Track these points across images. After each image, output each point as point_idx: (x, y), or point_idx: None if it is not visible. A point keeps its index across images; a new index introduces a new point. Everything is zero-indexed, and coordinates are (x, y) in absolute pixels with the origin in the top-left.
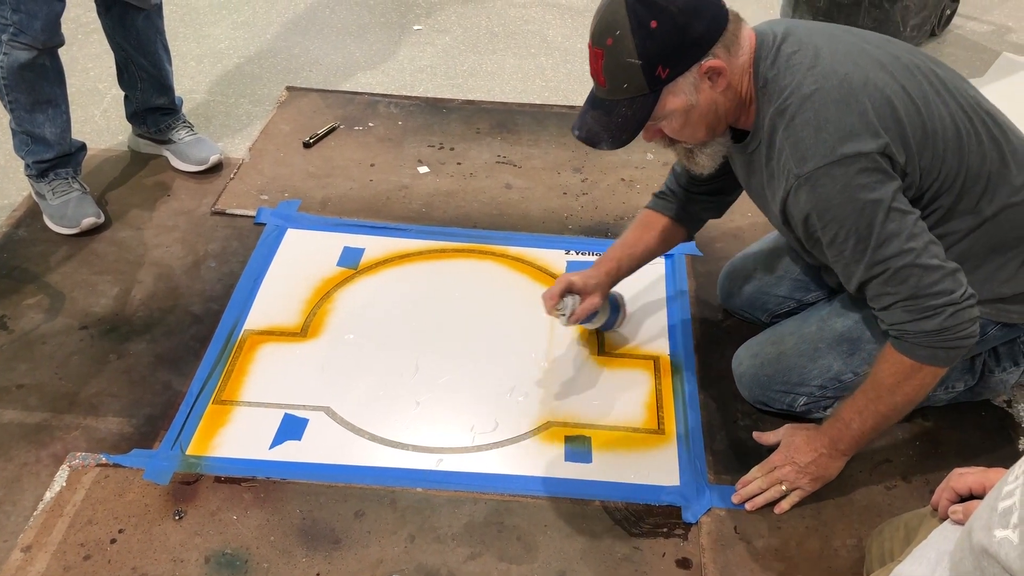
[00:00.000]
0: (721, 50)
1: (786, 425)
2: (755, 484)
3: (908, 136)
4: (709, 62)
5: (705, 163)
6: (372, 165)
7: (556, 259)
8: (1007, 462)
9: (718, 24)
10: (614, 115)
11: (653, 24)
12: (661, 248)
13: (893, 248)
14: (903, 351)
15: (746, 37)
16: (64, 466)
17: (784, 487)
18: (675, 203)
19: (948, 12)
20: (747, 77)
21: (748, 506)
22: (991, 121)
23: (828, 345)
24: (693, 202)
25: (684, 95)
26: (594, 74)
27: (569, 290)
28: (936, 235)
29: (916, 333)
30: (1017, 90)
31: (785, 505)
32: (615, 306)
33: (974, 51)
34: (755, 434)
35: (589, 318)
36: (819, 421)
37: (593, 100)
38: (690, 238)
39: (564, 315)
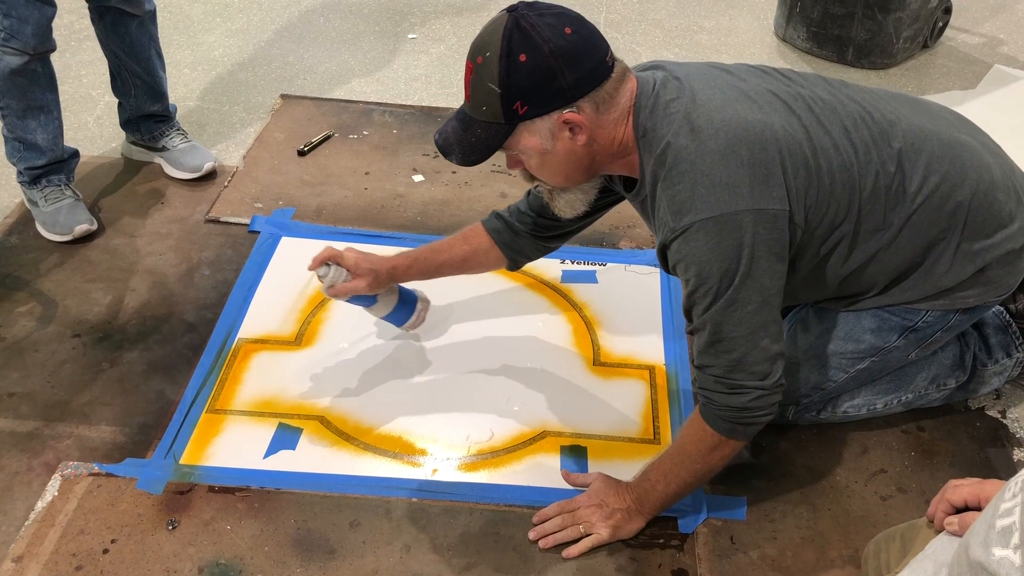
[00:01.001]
0: (588, 105)
1: (598, 472)
2: (555, 521)
3: (789, 177)
4: (568, 114)
5: (563, 208)
6: (367, 173)
7: (551, 268)
8: (1002, 472)
9: (592, 79)
10: (469, 132)
11: (522, 58)
12: (467, 267)
13: (735, 315)
14: (707, 419)
15: (626, 91)
16: (56, 475)
17: (583, 529)
18: (509, 229)
19: (940, 24)
20: (624, 128)
21: (541, 544)
22: (877, 130)
23: (799, 362)
24: (530, 235)
25: (539, 138)
26: (464, 86)
27: (337, 261)
28: (856, 261)
29: (721, 406)
30: (1009, 102)
31: (575, 551)
32: (408, 305)
33: (966, 63)
34: (563, 473)
35: (366, 303)
36: (811, 431)
37: (459, 111)
38: (512, 268)
39: (322, 282)
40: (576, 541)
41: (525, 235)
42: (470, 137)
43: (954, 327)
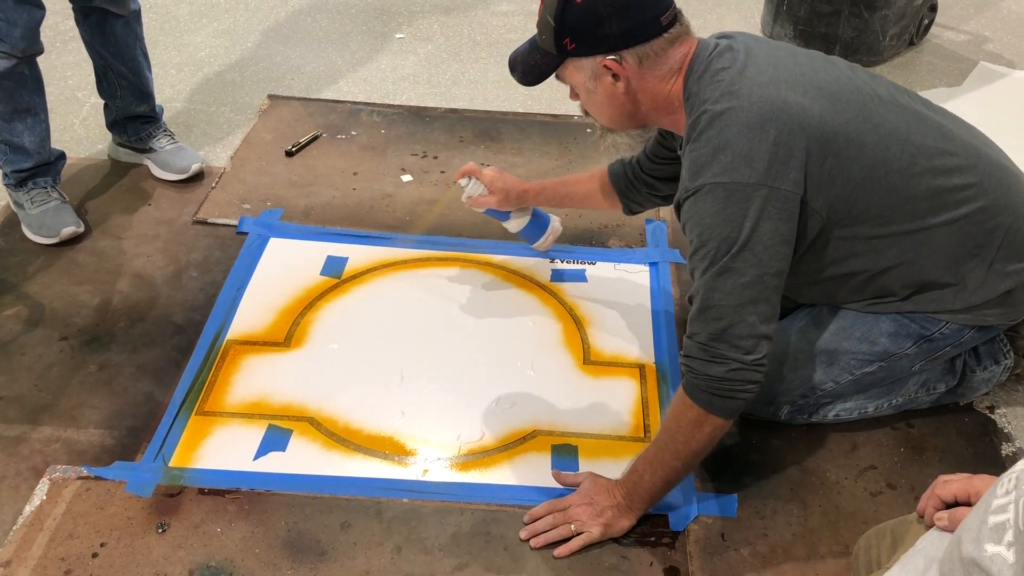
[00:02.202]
0: (631, 57)
1: (588, 471)
2: (546, 520)
3: (815, 164)
4: (609, 61)
5: (607, 148)
6: (355, 174)
7: (541, 267)
8: (991, 468)
9: (639, 34)
10: (530, 55)
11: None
12: (588, 202)
13: (727, 284)
14: (687, 390)
15: (678, 53)
16: (44, 479)
17: (573, 527)
18: (626, 177)
19: (926, 22)
20: (672, 86)
21: (532, 543)
22: (931, 138)
23: (808, 356)
24: (642, 183)
25: (583, 75)
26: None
27: (476, 176)
28: (888, 260)
29: (700, 374)
30: (994, 99)
31: (566, 550)
32: (539, 226)
33: (952, 60)
34: (553, 473)
35: (501, 217)
36: (802, 428)
37: (533, 36)
38: (627, 213)
39: (464, 190)
40: (567, 540)
41: (639, 184)
42: (530, 60)
43: (966, 343)
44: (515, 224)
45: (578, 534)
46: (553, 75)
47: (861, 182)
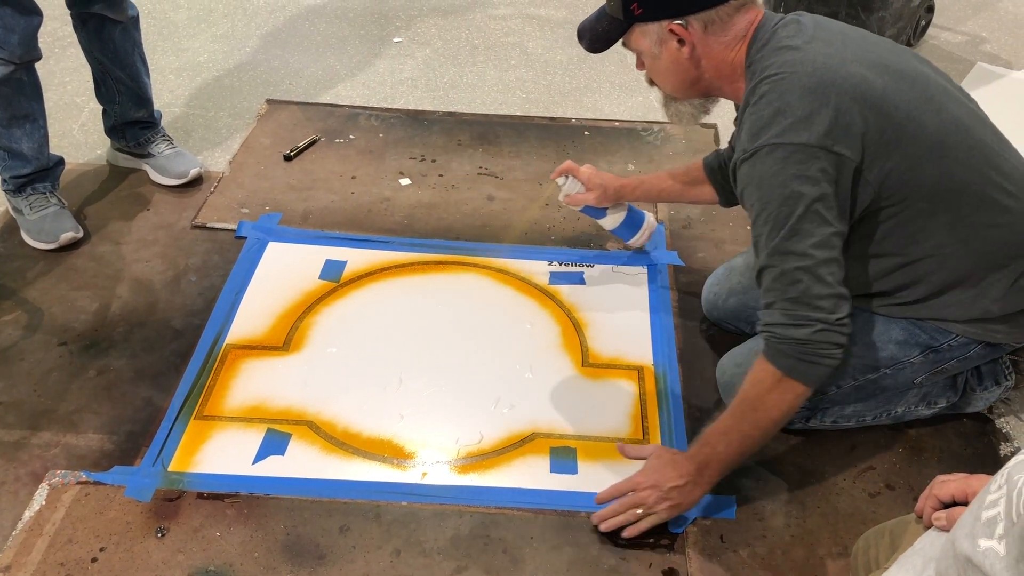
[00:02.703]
0: (697, 23)
1: (655, 445)
2: (612, 506)
3: (873, 135)
4: (675, 25)
5: (671, 116)
6: (353, 177)
7: (539, 270)
8: (989, 468)
9: (707, 1)
10: (599, 23)
11: None
12: (685, 196)
13: (798, 247)
14: (769, 357)
15: (744, 21)
16: (43, 484)
17: (640, 511)
18: (722, 166)
19: (923, 23)
20: (736, 54)
21: (602, 527)
22: (992, 138)
23: None
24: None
25: (649, 41)
26: None
27: (574, 175)
28: (920, 249)
29: (783, 338)
30: (992, 99)
31: (634, 531)
32: (635, 223)
33: (949, 61)
34: (618, 446)
35: (597, 215)
36: (799, 432)
37: (602, 5)
38: (724, 204)
39: (561, 189)
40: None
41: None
42: (598, 27)
43: (971, 360)
44: (611, 221)
45: (647, 516)
46: (619, 42)
47: (917, 160)
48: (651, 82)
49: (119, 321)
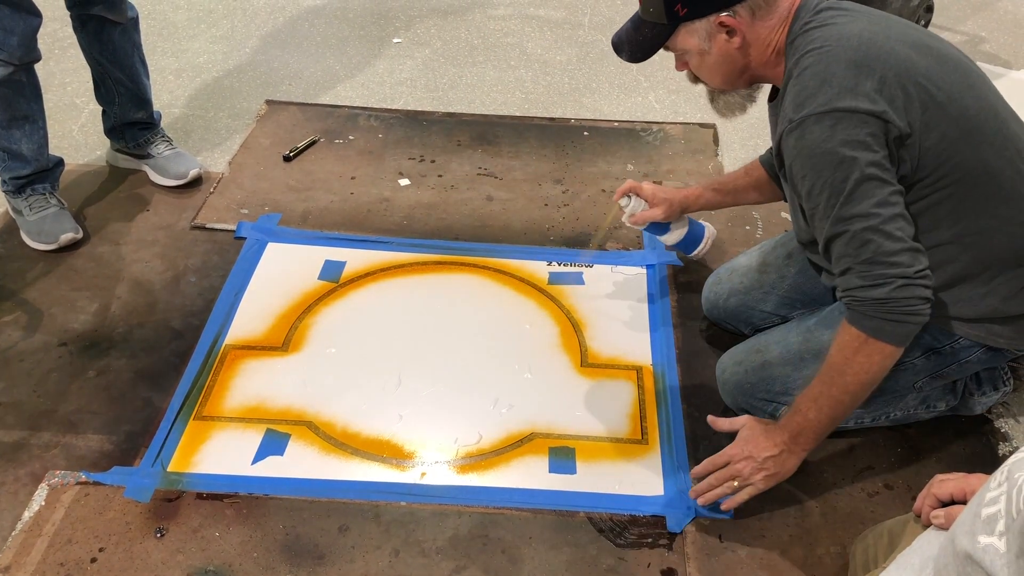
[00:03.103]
0: (744, 10)
1: (747, 415)
2: (709, 480)
3: (916, 109)
4: (724, 17)
5: (722, 110)
6: (353, 178)
7: (538, 270)
8: (987, 467)
9: None
10: (638, 32)
11: None
12: (749, 197)
13: (861, 208)
14: (852, 321)
15: (786, 1)
16: (43, 485)
17: (736, 483)
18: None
19: (923, 23)
20: (780, 35)
21: (700, 501)
22: (1021, 131)
23: (813, 356)
24: None
25: (697, 38)
26: None
27: (637, 193)
28: (940, 234)
29: (864, 300)
30: None
31: (733, 503)
32: (697, 235)
33: None
34: (710, 418)
35: (660, 231)
36: None
37: (634, 15)
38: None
39: (625, 210)
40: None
41: None
42: (639, 36)
43: (970, 365)
44: (674, 236)
45: (744, 487)
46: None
47: (955, 142)
48: (695, 79)
49: (119, 322)
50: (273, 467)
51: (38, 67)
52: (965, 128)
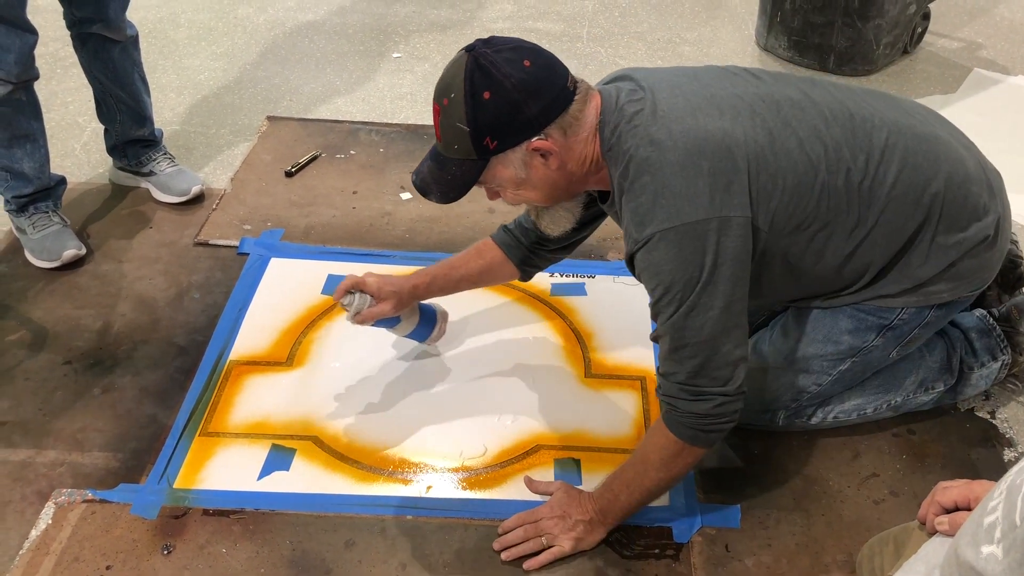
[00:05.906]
0: (556, 131)
1: (560, 481)
2: (516, 533)
3: (752, 183)
4: (537, 142)
5: (548, 226)
6: (354, 192)
7: (541, 281)
8: (992, 473)
9: (557, 105)
10: (445, 171)
11: (486, 95)
12: (483, 280)
13: (698, 320)
14: (670, 426)
15: (591, 111)
16: (50, 503)
17: (544, 540)
18: (517, 243)
19: (920, 30)
20: (594, 145)
21: (505, 555)
22: (850, 126)
23: (783, 367)
24: (537, 243)
25: (513, 168)
26: (434, 127)
27: (360, 288)
28: (834, 258)
29: (685, 412)
30: (989, 105)
31: (536, 563)
32: (429, 320)
33: (946, 67)
34: (525, 480)
35: (390, 324)
36: (803, 437)
37: (432, 151)
38: (524, 279)
39: (348, 311)
40: (538, 553)
41: (531, 247)
42: (446, 175)
43: (931, 324)
44: (406, 327)
45: (549, 547)
46: None
47: (795, 188)
48: (515, 204)
49: (123, 339)
50: (279, 482)
51: (39, 86)
52: (798, 171)
